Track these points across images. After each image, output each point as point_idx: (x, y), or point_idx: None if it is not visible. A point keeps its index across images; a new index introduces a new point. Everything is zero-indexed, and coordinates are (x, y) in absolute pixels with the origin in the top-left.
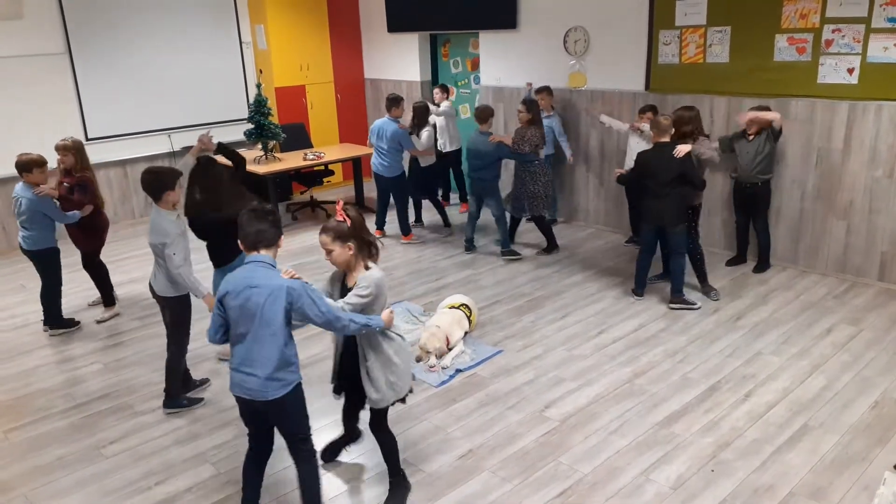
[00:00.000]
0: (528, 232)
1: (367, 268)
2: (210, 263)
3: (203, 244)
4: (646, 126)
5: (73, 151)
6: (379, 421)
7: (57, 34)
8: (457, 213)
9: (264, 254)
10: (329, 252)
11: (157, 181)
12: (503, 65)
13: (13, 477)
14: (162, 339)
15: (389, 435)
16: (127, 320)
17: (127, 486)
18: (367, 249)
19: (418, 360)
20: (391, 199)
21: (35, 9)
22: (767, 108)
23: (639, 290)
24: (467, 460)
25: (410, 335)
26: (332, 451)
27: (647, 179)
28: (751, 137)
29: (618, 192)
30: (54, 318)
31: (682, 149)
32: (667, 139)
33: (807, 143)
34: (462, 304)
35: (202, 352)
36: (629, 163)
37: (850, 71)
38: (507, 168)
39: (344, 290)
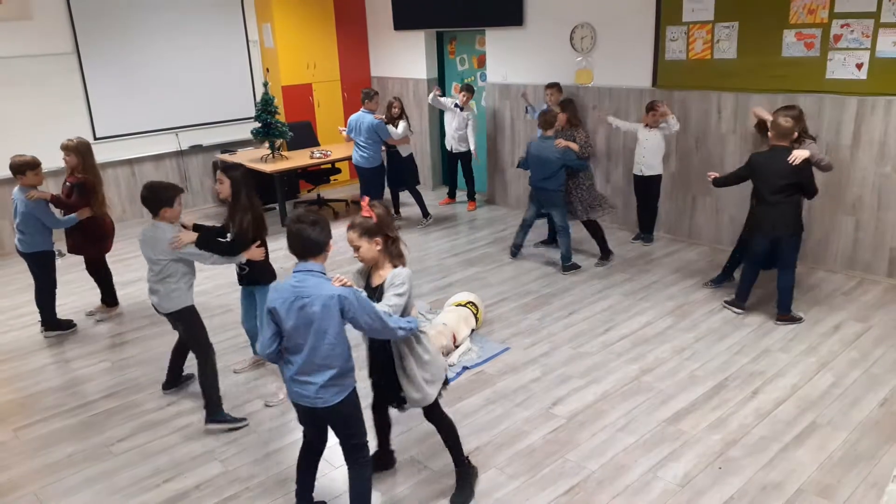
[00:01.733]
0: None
1: (394, 266)
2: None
3: None
4: (671, 120)
5: (76, 152)
6: (430, 410)
7: (65, 34)
8: (462, 211)
9: (313, 262)
10: (356, 248)
11: (154, 198)
12: (510, 62)
13: (23, 475)
14: (168, 336)
15: (446, 420)
16: (134, 319)
17: (135, 483)
18: (395, 247)
19: None
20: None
21: (43, 9)
22: (794, 107)
23: (741, 303)
24: (474, 457)
25: None
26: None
27: (759, 185)
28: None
29: (625, 190)
30: (49, 320)
31: (801, 154)
32: (786, 143)
33: (815, 139)
34: (468, 302)
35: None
36: (640, 159)
37: (859, 66)
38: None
39: (368, 289)
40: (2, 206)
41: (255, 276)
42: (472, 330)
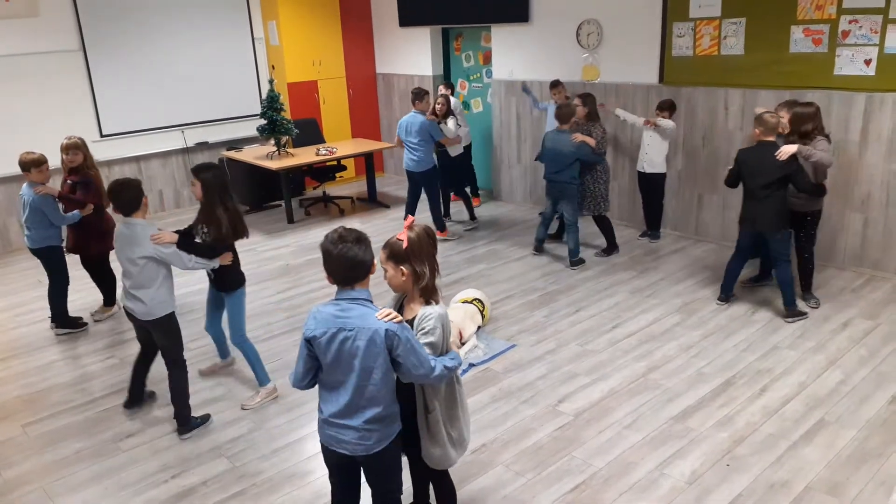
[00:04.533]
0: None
1: (426, 303)
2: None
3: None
4: (663, 121)
5: (81, 149)
6: (439, 471)
7: (71, 31)
8: (464, 207)
9: (359, 288)
10: (385, 271)
11: (127, 196)
12: (516, 58)
13: (31, 470)
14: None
15: (450, 485)
16: None
17: (143, 479)
18: (428, 281)
19: None
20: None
21: (50, 6)
22: (795, 102)
23: (723, 295)
24: (481, 455)
25: None
26: None
27: (746, 180)
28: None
29: (631, 187)
30: (60, 317)
31: (787, 150)
32: (772, 138)
33: None
34: (475, 299)
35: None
36: (643, 156)
37: (868, 62)
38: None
39: None
40: (9, 204)
41: (228, 281)
42: (479, 327)
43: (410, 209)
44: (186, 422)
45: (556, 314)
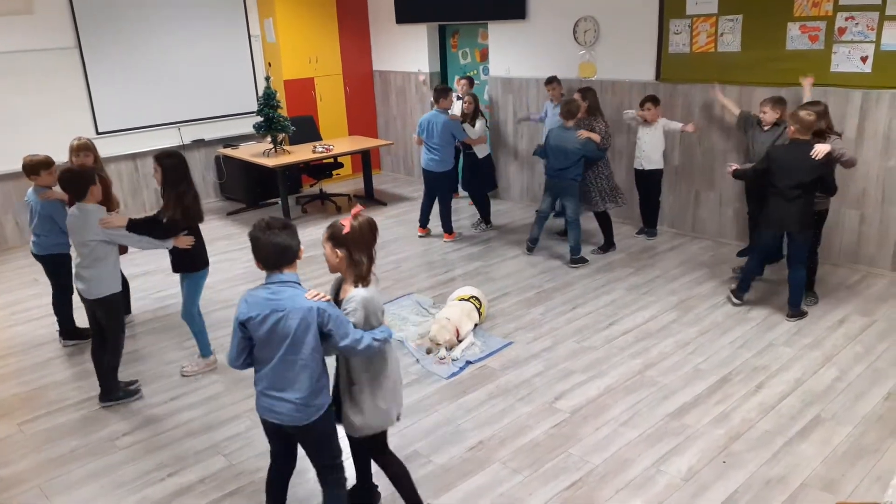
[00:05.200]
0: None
1: (355, 286)
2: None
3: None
4: (664, 122)
5: (92, 150)
6: (375, 447)
7: (67, 29)
8: (465, 205)
9: (287, 272)
10: (323, 248)
11: (79, 180)
12: (512, 55)
13: (27, 469)
14: (173, 331)
15: (394, 461)
16: (138, 314)
17: (140, 477)
18: (359, 268)
19: (428, 352)
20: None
21: (45, 4)
22: (780, 99)
23: (741, 294)
24: (477, 452)
25: (420, 327)
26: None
27: (776, 179)
28: (766, 128)
29: (628, 184)
30: (67, 329)
31: (822, 149)
32: (807, 137)
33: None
34: (472, 297)
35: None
36: (640, 153)
37: (864, 59)
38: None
39: (335, 302)
40: (5, 202)
41: (184, 264)
42: (476, 324)
43: (427, 210)
44: (111, 391)
45: (552, 311)
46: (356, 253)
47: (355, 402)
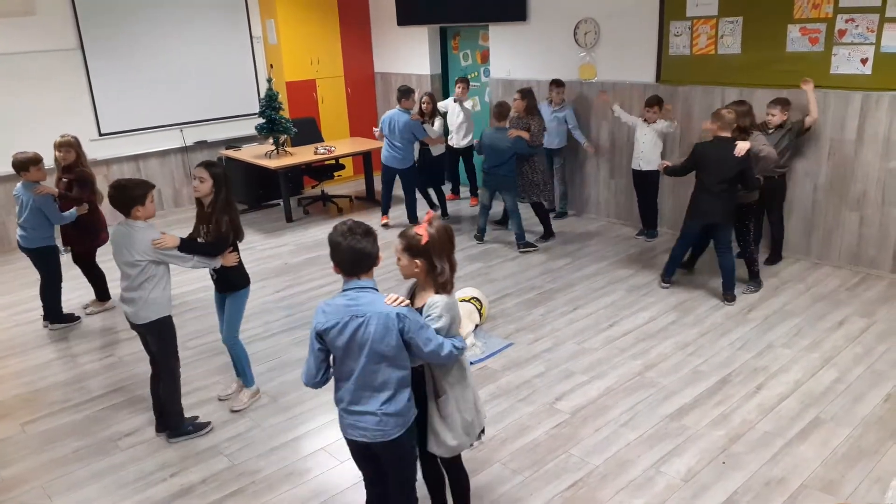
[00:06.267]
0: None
1: (436, 293)
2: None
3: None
4: (662, 123)
5: (74, 147)
6: (454, 459)
7: (69, 30)
8: (467, 206)
9: (365, 279)
10: (398, 259)
11: (125, 196)
12: (513, 57)
13: (30, 469)
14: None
15: (463, 472)
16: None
17: (142, 478)
18: (439, 275)
19: None
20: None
21: (47, 5)
22: (787, 101)
23: (667, 277)
24: (478, 452)
25: None
26: None
27: (702, 174)
28: (770, 131)
29: (628, 185)
30: (54, 314)
31: (743, 146)
32: (728, 134)
33: (819, 135)
34: (472, 298)
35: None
36: (638, 154)
37: (864, 61)
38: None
39: None
40: (6, 202)
41: (231, 282)
42: (476, 325)
43: (387, 203)
44: (177, 426)
45: (553, 312)
46: (437, 261)
47: (444, 415)
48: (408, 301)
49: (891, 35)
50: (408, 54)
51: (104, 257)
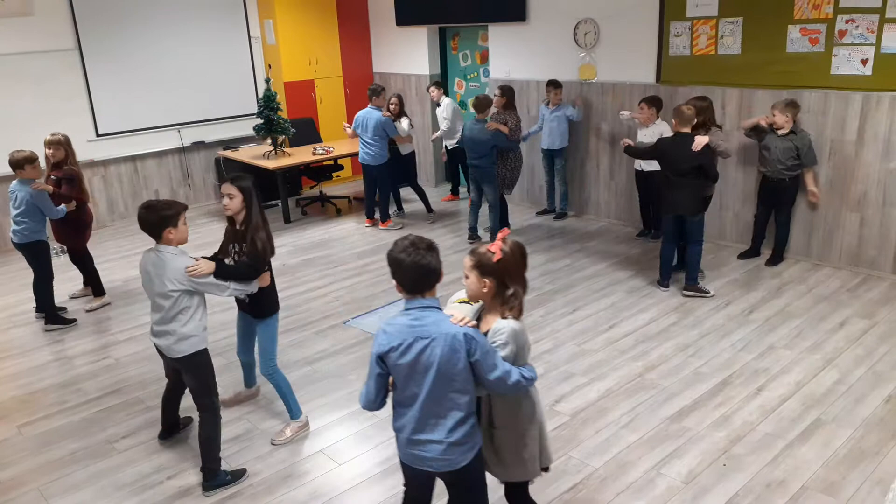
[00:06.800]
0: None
1: (503, 317)
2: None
3: None
4: (662, 122)
5: (64, 145)
6: (514, 491)
7: (67, 30)
8: (465, 207)
9: (429, 297)
10: (465, 277)
11: (155, 219)
12: (513, 58)
13: (26, 471)
14: None
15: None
16: (135, 316)
17: (139, 480)
18: (511, 298)
19: None
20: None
21: (45, 5)
22: (794, 102)
23: (664, 281)
24: None
25: None
26: None
27: (665, 168)
28: (780, 133)
29: (629, 186)
30: (49, 313)
31: (700, 140)
32: (688, 129)
33: (820, 135)
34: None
35: None
36: None
37: (864, 62)
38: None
39: None
40: (5, 203)
41: (264, 307)
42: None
43: (370, 205)
44: (214, 476)
45: (553, 314)
46: (510, 282)
47: (497, 449)
48: (475, 322)
49: (891, 36)
50: (407, 54)
51: (103, 257)
